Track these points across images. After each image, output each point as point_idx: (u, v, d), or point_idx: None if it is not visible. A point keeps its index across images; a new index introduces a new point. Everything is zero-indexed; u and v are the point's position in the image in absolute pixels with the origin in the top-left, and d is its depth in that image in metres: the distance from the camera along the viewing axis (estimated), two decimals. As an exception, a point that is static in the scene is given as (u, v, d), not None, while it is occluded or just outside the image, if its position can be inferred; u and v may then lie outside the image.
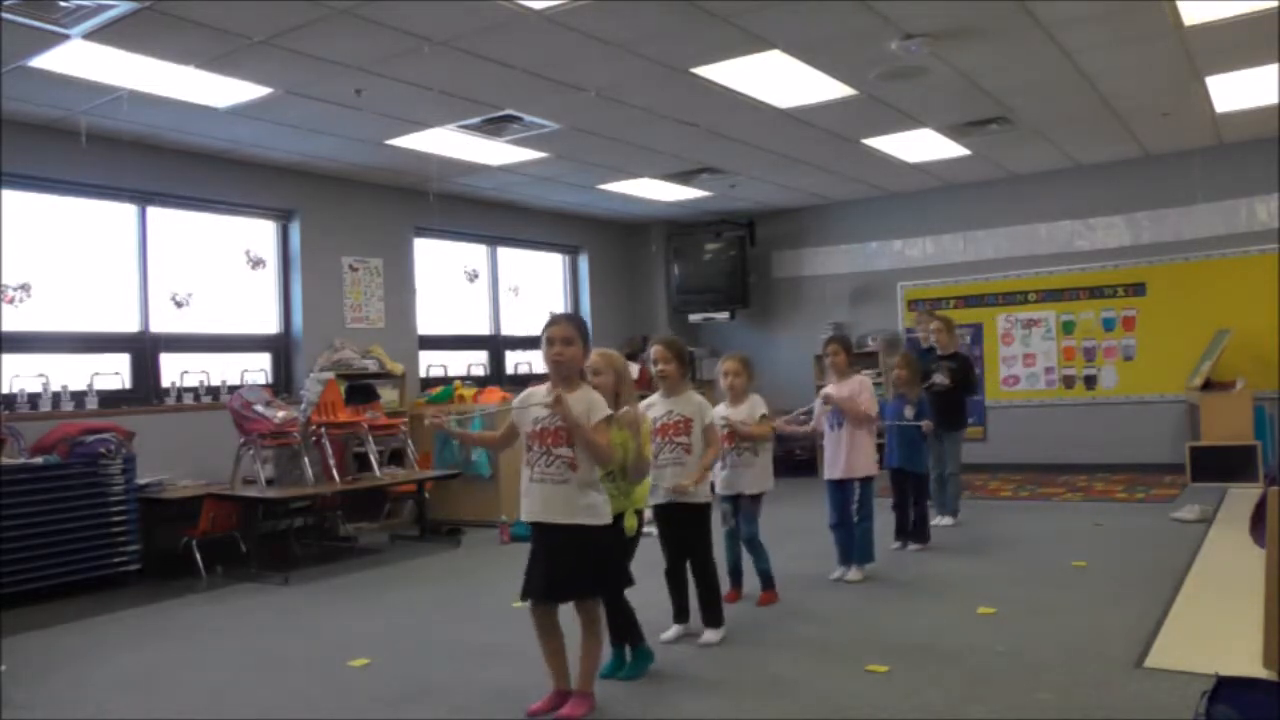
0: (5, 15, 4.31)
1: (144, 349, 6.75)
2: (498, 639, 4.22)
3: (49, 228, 6.33)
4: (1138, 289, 9.02)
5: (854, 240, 10.41)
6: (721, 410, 4.65)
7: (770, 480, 4.71)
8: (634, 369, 5.42)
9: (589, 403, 3.24)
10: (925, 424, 5.83)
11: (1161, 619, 4.07)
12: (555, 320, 3.31)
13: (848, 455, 5.09)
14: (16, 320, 6.06)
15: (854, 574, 5.10)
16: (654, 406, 4.14)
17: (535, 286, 10.19)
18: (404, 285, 8.47)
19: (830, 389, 5.22)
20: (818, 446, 5.26)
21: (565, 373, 3.28)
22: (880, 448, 6.01)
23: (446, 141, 6.96)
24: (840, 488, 5.14)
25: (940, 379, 6.55)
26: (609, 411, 3.27)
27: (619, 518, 3.48)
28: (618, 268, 11.01)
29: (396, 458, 7.43)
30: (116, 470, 5.68)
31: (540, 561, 3.27)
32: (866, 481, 5.16)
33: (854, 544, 5.14)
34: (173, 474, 6.30)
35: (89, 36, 4.66)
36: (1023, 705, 3.16)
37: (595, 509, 3.24)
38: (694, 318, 10.77)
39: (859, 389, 5.16)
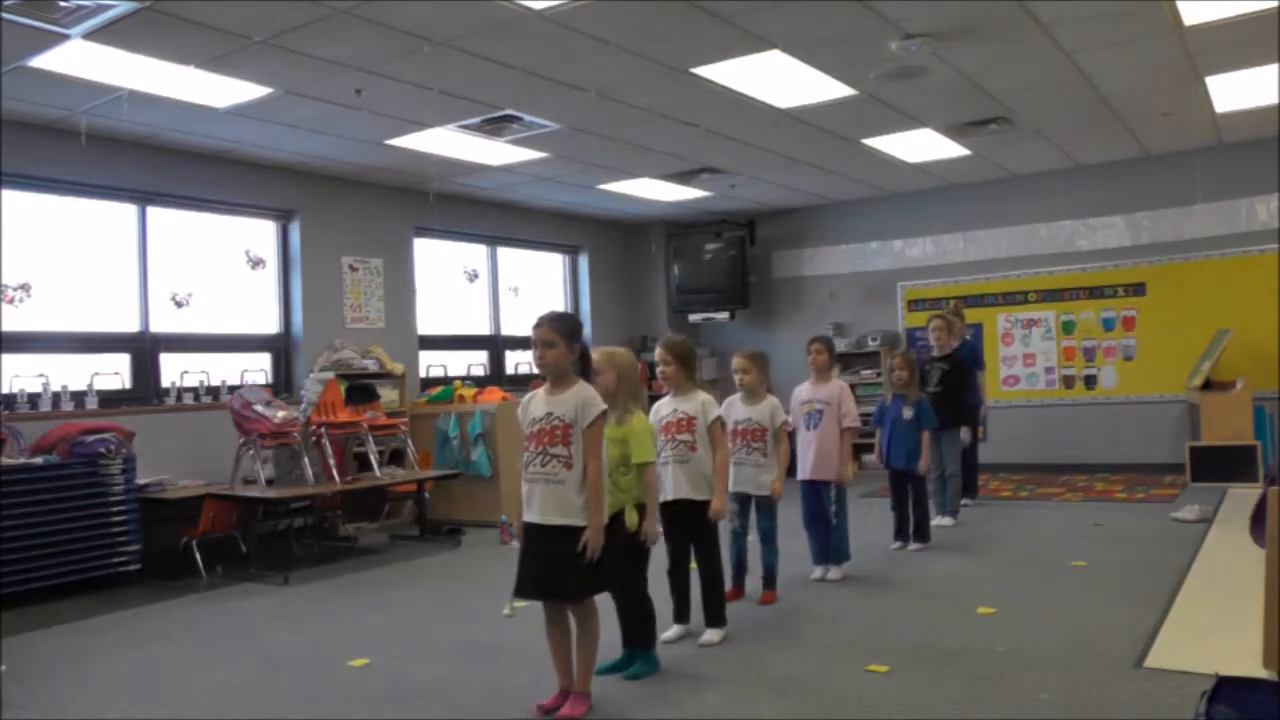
0: (5, 15, 4.31)
1: (144, 349, 6.75)
2: (498, 639, 4.22)
3: (49, 228, 6.34)
4: (1138, 289, 9.02)
5: (854, 240, 10.41)
6: (741, 410, 4.68)
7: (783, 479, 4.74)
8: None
9: (581, 401, 3.24)
10: (922, 465, 5.90)
11: (1161, 619, 4.07)
12: (538, 323, 3.31)
13: (815, 457, 5.10)
14: (16, 320, 6.06)
15: (834, 573, 5.11)
16: (661, 406, 4.19)
17: (535, 286, 10.19)
18: (405, 286, 8.48)
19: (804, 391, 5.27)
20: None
21: (550, 374, 3.30)
22: (870, 448, 6.03)
23: (446, 141, 6.96)
24: (811, 488, 5.15)
25: (935, 377, 6.64)
26: (603, 408, 3.27)
27: (617, 516, 3.49)
28: (618, 268, 11.01)
29: (396, 458, 7.43)
30: (116, 470, 5.68)
31: (532, 560, 3.26)
32: (840, 484, 5.15)
33: (828, 544, 5.14)
34: (173, 474, 6.30)
35: (89, 36, 4.66)
36: (1023, 705, 3.16)
37: (588, 510, 3.24)
38: (694, 318, 10.78)
39: (839, 394, 5.17)
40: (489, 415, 7.46)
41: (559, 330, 3.28)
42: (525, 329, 9.97)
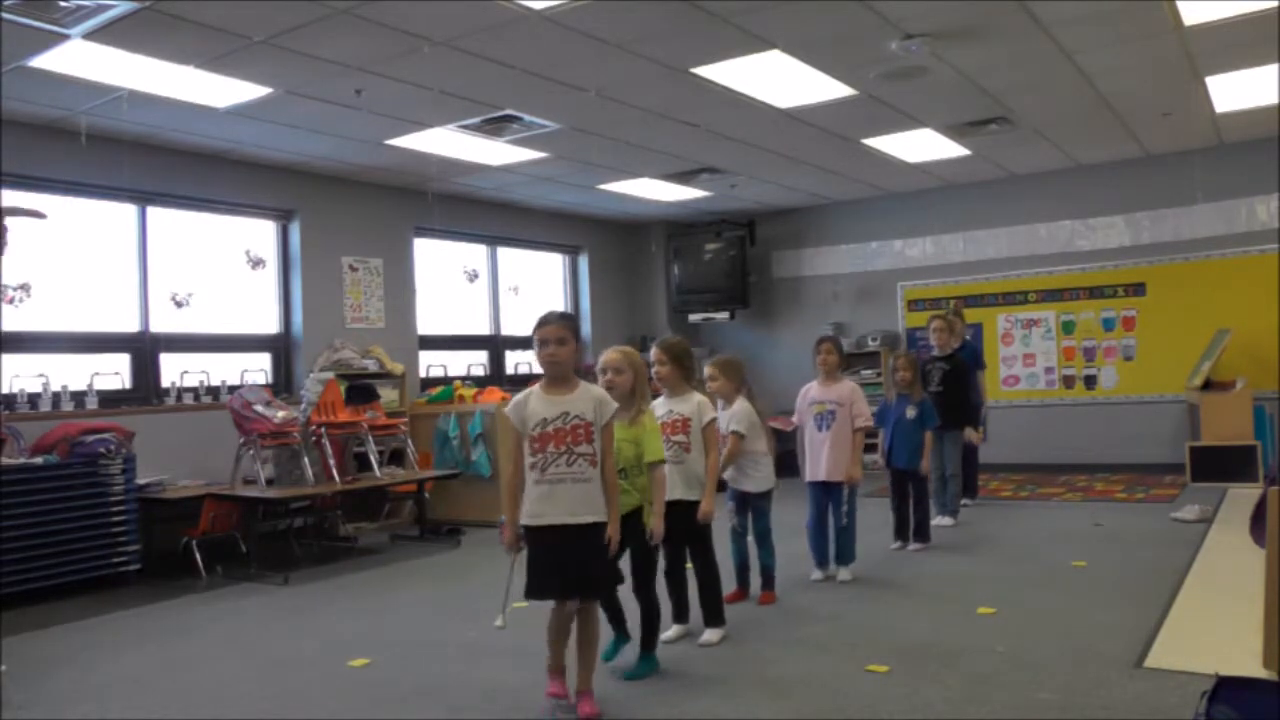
0: (5, 15, 4.31)
1: (144, 349, 6.75)
2: (498, 639, 4.19)
3: (49, 228, 6.32)
4: (1138, 289, 9.02)
5: (854, 240, 10.41)
6: (720, 416, 4.69)
7: (771, 478, 4.75)
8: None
9: (597, 400, 3.25)
10: (924, 464, 5.89)
11: (1161, 619, 4.07)
12: (546, 320, 3.28)
13: (829, 458, 5.10)
14: (16, 320, 6.06)
15: (845, 574, 5.11)
16: (658, 407, 4.17)
17: (535, 286, 10.19)
18: (405, 286, 8.48)
19: (813, 390, 5.26)
20: (797, 446, 5.31)
21: (559, 372, 3.28)
22: (872, 447, 6.02)
23: (446, 141, 6.96)
24: (824, 489, 5.15)
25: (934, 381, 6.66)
26: (616, 405, 3.29)
27: (635, 514, 3.50)
28: (618, 268, 11.01)
29: (396, 458, 7.43)
30: (116, 470, 5.68)
31: (559, 561, 3.20)
32: (852, 485, 5.15)
33: (837, 545, 5.13)
34: (173, 474, 6.30)
35: (89, 36, 4.66)
36: (1023, 705, 3.16)
37: (605, 506, 3.26)
38: (694, 318, 10.78)
39: (851, 394, 5.17)
40: (489, 415, 7.46)
41: (569, 328, 3.29)
42: (525, 329, 9.99)
